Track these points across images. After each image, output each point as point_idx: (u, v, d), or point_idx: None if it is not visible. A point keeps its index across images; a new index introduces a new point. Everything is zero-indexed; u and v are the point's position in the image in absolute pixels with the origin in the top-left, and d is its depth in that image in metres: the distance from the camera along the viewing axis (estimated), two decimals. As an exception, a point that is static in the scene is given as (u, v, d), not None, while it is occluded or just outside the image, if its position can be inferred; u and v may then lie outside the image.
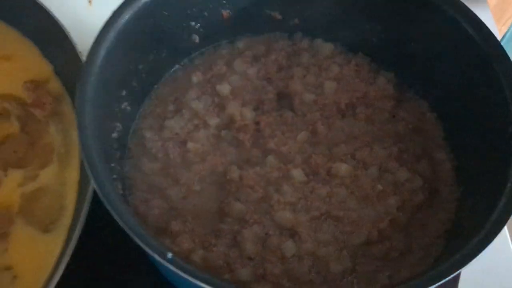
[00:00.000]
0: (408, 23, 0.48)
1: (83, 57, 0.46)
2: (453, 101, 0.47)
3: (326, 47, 0.52)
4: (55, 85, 0.50)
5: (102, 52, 0.40)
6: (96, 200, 0.40)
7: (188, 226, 0.43)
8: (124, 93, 0.45)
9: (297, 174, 0.45)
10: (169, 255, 0.31)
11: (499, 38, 0.54)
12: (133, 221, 0.33)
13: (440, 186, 0.45)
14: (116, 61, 0.42)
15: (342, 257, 0.41)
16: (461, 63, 0.46)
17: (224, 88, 0.49)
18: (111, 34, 0.40)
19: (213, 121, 0.48)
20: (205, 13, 0.50)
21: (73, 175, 0.45)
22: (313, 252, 0.41)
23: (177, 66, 0.52)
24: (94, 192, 0.40)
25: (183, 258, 0.37)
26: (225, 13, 0.50)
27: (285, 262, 0.41)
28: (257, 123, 0.48)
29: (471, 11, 0.44)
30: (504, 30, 0.66)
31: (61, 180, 0.45)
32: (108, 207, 0.32)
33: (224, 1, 0.50)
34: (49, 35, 0.50)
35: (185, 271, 0.31)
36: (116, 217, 0.32)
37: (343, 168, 0.45)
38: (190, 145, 0.47)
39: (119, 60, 0.42)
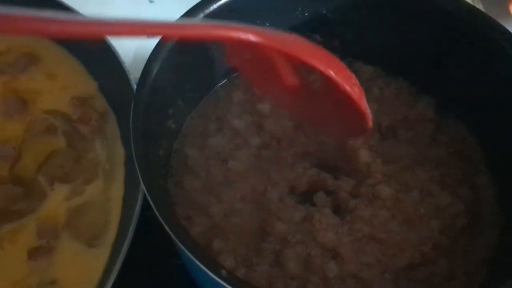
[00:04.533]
0: (448, 48, 0.49)
1: (130, 75, 0.48)
2: (494, 126, 0.47)
3: (366, 70, 0.53)
4: (100, 102, 0.51)
5: (154, 70, 0.41)
6: (142, 217, 0.41)
7: (230, 244, 0.43)
8: (170, 111, 0.46)
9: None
10: (223, 272, 0.31)
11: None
12: (188, 237, 0.33)
13: (483, 212, 0.45)
14: (167, 79, 0.43)
15: (385, 280, 0.41)
16: (503, 88, 0.46)
17: (265, 108, 0.50)
18: (163, 54, 0.42)
19: (254, 140, 0.48)
20: (248, 35, 0.50)
21: (118, 191, 0.45)
22: (356, 274, 0.41)
23: (218, 85, 0.53)
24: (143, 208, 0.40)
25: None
26: (267, 35, 0.51)
27: (328, 283, 0.41)
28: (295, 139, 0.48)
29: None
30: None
31: (106, 196, 0.45)
32: (164, 223, 0.32)
33: (268, 24, 0.51)
34: (95, 54, 0.51)
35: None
36: (171, 233, 0.32)
37: (385, 191, 0.45)
38: (231, 163, 0.47)
39: (170, 79, 0.43)
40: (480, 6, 0.76)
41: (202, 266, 0.31)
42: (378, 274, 0.41)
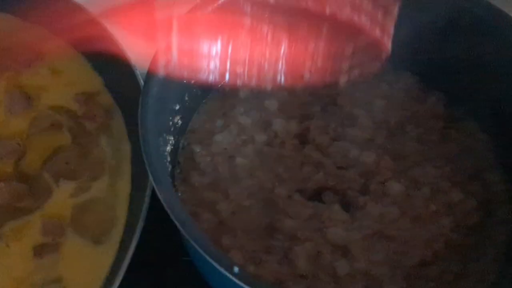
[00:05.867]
0: (459, 44, 0.48)
1: (136, 70, 0.47)
2: (505, 122, 0.47)
3: (374, 65, 0.52)
4: (105, 98, 0.50)
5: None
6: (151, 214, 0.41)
7: (238, 241, 0.42)
8: (178, 107, 0.45)
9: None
10: (236, 269, 0.31)
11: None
12: (199, 233, 0.32)
13: (495, 208, 0.45)
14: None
15: (396, 277, 0.41)
16: (510, 84, 0.45)
17: (272, 104, 0.50)
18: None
19: (260, 137, 0.48)
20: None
21: (124, 187, 0.45)
22: (366, 271, 0.41)
23: (224, 81, 0.52)
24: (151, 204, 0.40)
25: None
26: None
27: (338, 280, 0.40)
28: (303, 136, 0.48)
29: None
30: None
31: (113, 192, 0.45)
32: (175, 219, 0.32)
33: (274, 18, 0.50)
34: (102, 49, 0.50)
35: (253, 286, 0.30)
36: (182, 228, 0.32)
37: (395, 187, 0.44)
38: (238, 160, 0.47)
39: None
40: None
41: (213, 263, 0.31)
42: (389, 271, 0.41)
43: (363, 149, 0.47)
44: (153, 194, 0.41)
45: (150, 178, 0.33)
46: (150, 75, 0.39)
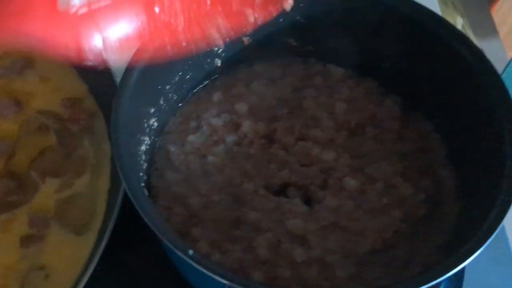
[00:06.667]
0: (416, 52, 0.52)
1: (116, 78, 0.52)
2: (455, 123, 0.51)
3: (337, 72, 0.56)
4: (89, 102, 0.55)
5: (135, 73, 0.44)
6: (125, 207, 0.45)
7: (206, 232, 0.46)
8: (152, 110, 0.50)
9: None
10: (190, 252, 0.35)
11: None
12: (160, 221, 0.37)
13: (442, 201, 0.48)
14: (147, 81, 0.46)
15: (348, 264, 0.45)
16: (462, 89, 0.49)
17: (242, 107, 0.54)
18: (144, 58, 0.45)
19: (230, 137, 0.52)
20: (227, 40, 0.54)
21: (104, 184, 0.49)
22: (321, 258, 0.45)
23: (199, 87, 0.56)
24: (123, 199, 0.44)
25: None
26: (246, 40, 0.55)
27: (295, 267, 0.44)
28: (270, 136, 0.52)
29: (472, 42, 0.48)
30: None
31: (94, 188, 0.49)
32: (138, 208, 0.36)
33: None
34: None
35: (205, 267, 0.34)
36: (144, 217, 0.36)
37: (351, 183, 0.49)
38: (210, 158, 0.51)
39: (150, 80, 0.47)
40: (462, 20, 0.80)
41: (169, 244, 0.35)
42: (341, 258, 0.45)
43: (324, 147, 0.51)
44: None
45: (120, 173, 0.37)
46: (122, 83, 0.43)
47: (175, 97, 0.53)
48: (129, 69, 0.44)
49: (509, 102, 0.44)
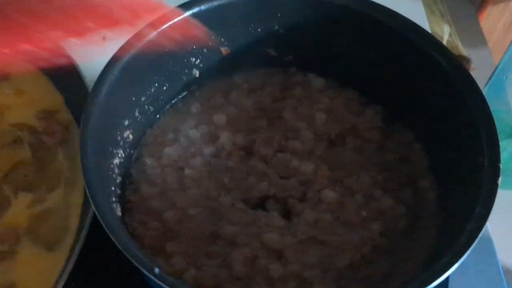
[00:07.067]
0: (395, 61, 0.52)
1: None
2: (436, 133, 0.50)
3: (318, 81, 0.56)
4: (65, 115, 0.54)
5: (106, 85, 0.44)
6: (96, 222, 0.44)
7: (182, 247, 0.45)
8: (126, 122, 0.49)
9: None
10: (156, 270, 0.34)
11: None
12: (126, 239, 0.36)
13: (423, 214, 0.47)
14: (119, 94, 0.45)
15: (326, 279, 0.44)
16: (441, 99, 0.49)
17: (220, 118, 0.53)
18: (116, 69, 0.44)
19: (208, 149, 0.51)
20: (205, 50, 0.54)
21: (77, 198, 0.48)
22: (299, 273, 0.44)
23: (177, 98, 0.55)
24: (94, 214, 0.43)
25: (175, 277, 0.41)
26: (224, 50, 0.54)
27: (272, 283, 0.43)
28: (249, 148, 0.51)
29: (450, 51, 0.48)
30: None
31: (67, 203, 0.48)
32: (104, 225, 0.35)
33: (223, 39, 0.54)
34: (61, 69, 0.54)
35: (170, 285, 0.33)
36: (110, 234, 0.35)
37: (330, 195, 0.48)
38: (186, 171, 0.50)
39: (122, 93, 0.46)
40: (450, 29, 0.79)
41: (134, 262, 0.34)
42: (320, 273, 0.44)
43: (303, 159, 0.50)
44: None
45: (86, 189, 0.36)
46: (92, 95, 0.42)
47: (151, 109, 0.53)
48: (99, 80, 0.43)
49: (488, 113, 0.43)
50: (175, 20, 0.48)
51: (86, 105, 0.40)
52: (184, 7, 0.49)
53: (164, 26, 0.48)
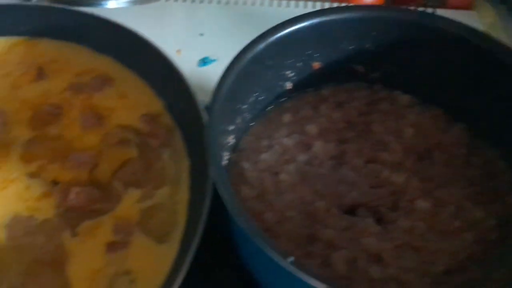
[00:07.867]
0: (480, 79, 0.54)
1: (195, 96, 0.55)
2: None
3: (404, 98, 0.59)
4: (166, 119, 0.58)
5: (223, 91, 0.47)
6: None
7: (282, 246, 0.48)
8: (231, 128, 0.52)
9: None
10: (291, 258, 0.37)
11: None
12: (263, 234, 0.39)
13: (513, 227, 0.49)
14: (231, 100, 0.49)
15: (424, 283, 0.46)
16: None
17: (312, 129, 0.56)
18: (231, 77, 0.48)
19: (301, 157, 0.54)
20: (299, 64, 0.57)
21: (184, 196, 0.51)
22: (398, 276, 0.46)
23: (270, 107, 0.59)
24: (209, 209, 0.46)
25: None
26: (316, 64, 0.58)
27: (372, 284, 0.45)
28: (339, 158, 0.54)
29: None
30: None
31: (173, 199, 0.51)
32: (239, 222, 0.38)
33: (316, 55, 0.57)
34: (162, 76, 0.58)
35: (306, 273, 0.36)
36: (246, 231, 0.38)
37: (423, 205, 0.50)
38: (282, 176, 0.53)
39: (233, 99, 0.50)
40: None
41: (269, 254, 0.36)
42: (417, 277, 0.46)
43: (393, 170, 0.53)
44: (212, 203, 0.47)
45: (220, 189, 0.39)
46: (213, 101, 0.45)
47: (249, 116, 0.56)
48: (219, 87, 0.47)
49: None
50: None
51: (210, 110, 0.44)
52: (289, 23, 0.53)
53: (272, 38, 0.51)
